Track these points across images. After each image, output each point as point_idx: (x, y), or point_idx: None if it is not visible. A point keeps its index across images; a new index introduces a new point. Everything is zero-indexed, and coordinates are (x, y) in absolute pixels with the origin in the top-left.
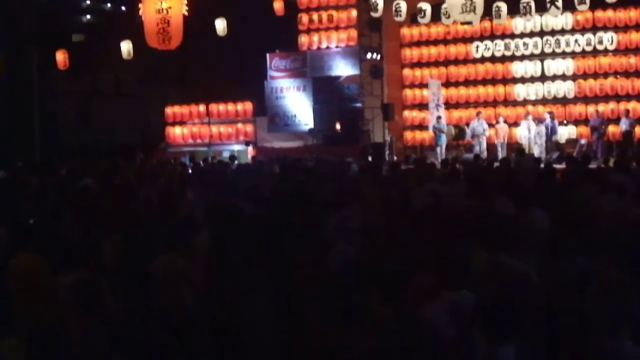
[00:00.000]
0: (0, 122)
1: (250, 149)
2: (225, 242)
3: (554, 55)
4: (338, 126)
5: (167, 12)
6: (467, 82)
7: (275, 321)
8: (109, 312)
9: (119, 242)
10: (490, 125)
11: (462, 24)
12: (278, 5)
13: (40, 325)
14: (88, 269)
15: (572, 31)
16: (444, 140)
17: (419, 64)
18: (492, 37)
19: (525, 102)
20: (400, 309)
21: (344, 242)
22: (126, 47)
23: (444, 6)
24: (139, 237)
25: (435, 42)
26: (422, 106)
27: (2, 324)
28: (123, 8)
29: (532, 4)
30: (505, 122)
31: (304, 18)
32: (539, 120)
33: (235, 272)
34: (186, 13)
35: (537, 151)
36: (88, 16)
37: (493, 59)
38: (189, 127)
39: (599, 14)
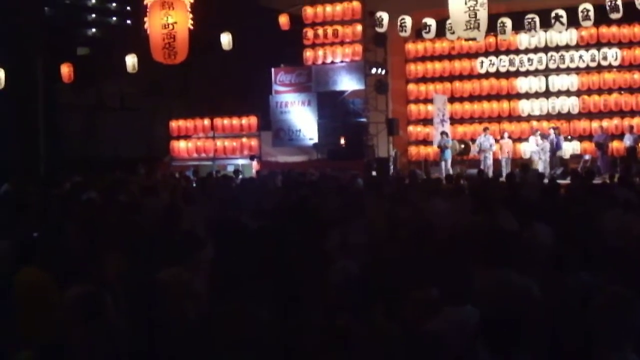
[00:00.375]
0: (5, 135)
1: (254, 163)
2: (228, 256)
3: (558, 71)
4: (343, 141)
5: (173, 27)
6: (472, 98)
7: (277, 335)
8: (113, 325)
9: (122, 256)
10: (495, 140)
11: (467, 40)
12: (283, 20)
13: (46, 340)
14: (93, 283)
15: (577, 47)
16: (449, 155)
17: (424, 79)
18: (497, 52)
19: (529, 118)
20: (404, 324)
21: (347, 257)
22: (131, 60)
23: (448, 22)
24: (143, 251)
25: (440, 58)
26: (427, 121)
27: (8, 339)
28: (128, 22)
29: (537, 20)
30: (509, 137)
31: (309, 33)
32: (543, 136)
33: (237, 285)
34: (191, 27)
35: (541, 166)
36: (93, 29)
37: (498, 75)
38: (193, 141)
39: (604, 30)
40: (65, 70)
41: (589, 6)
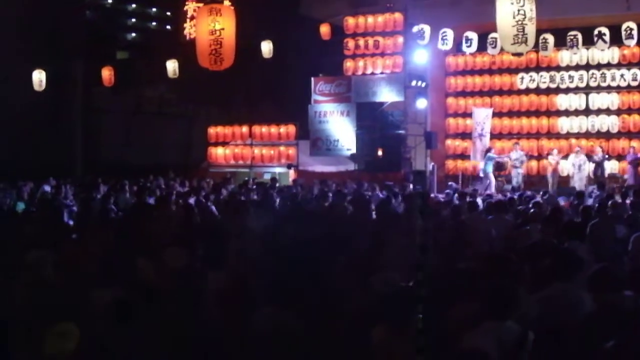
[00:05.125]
0: (43, 138)
1: (291, 172)
2: (270, 265)
3: (599, 89)
4: (380, 152)
5: (220, 33)
6: (511, 113)
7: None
8: (146, 330)
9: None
10: (533, 157)
11: (514, 54)
12: (324, 30)
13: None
14: (124, 285)
15: (618, 65)
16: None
17: (463, 93)
18: (538, 68)
19: (568, 135)
20: (443, 337)
21: (390, 269)
22: (172, 66)
23: (492, 36)
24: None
25: (480, 72)
26: (465, 135)
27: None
28: (168, 27)
29: (579, 37)
30: (558, 154)
31: (350, 43)
32: (587, 155)
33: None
34: None
35: (577, 184)
36: (133, 34)
37: (538, 91)
38: (231, 147)
39: None
40: (106, 73)
41: (633, 25)
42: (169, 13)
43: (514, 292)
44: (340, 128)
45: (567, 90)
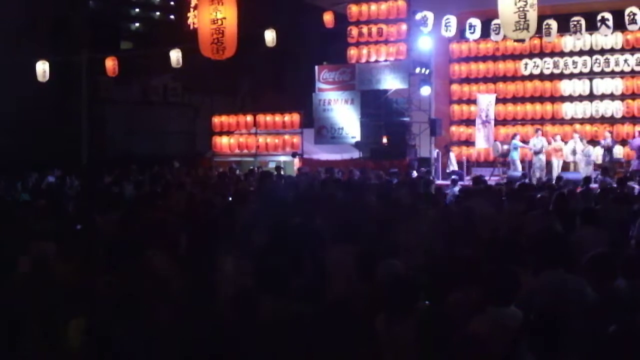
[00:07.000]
0: (47, 129)
1: (296, 160)
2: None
3: (603, 74)
4: (385, 140)
5: (222, 22)
6: (515, 99)
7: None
8: (152, 321)
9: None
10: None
11: (515, 41)
12: (328, 18)
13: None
14: (130, 275)
15: (622, 51)
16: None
17: (467, 80)
18: (542, 54)
19: (572, 121)
20: (447, 323)
21: (392, 257)
22: (175, 55)
23: (495, 22)
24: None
25: (484, 58)
26: (470, 122)
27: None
28: (171, 17)
29: (583, 23)
30: (562, 140)
31: (354, 31)
32: (597, 141)
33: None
34: None
35: (584, 171)
36: (137, 24)
37: (542, 77)
38: (235, 137)
39: None
40: (110, 63)
41: (636, 10)
42: (172, 3)
43: (516, 277)
44: (345, 116)
45: (571, 76)
